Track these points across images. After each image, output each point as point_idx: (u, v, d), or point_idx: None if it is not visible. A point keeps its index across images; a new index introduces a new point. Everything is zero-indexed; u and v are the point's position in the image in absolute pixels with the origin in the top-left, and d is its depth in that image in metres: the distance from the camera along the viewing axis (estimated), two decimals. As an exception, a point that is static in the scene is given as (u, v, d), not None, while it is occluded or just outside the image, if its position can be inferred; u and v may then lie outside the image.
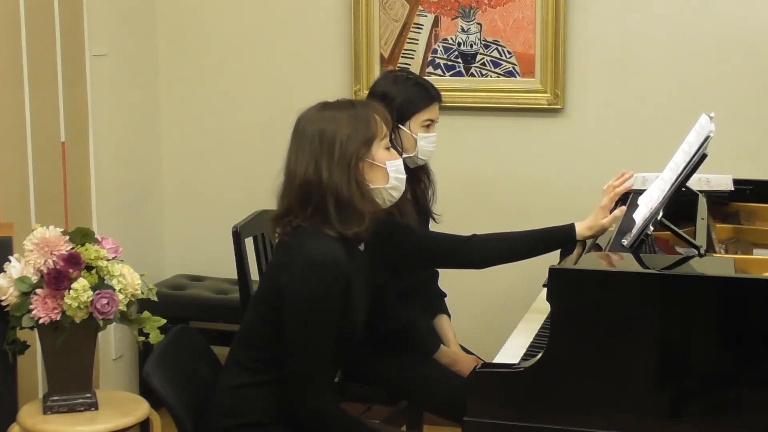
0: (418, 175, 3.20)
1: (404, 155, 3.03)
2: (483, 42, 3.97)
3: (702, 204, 3.03)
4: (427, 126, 3.13)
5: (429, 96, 3.14)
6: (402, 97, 3.09)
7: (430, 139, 3.13)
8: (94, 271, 2.97)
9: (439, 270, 3.37)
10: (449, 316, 3.34)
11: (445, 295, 3.38)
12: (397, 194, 2.64)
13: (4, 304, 2.96)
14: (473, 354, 3.24)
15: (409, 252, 2.88)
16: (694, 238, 2.64)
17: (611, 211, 2.84)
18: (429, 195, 3.26)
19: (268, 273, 2.66)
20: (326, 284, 2.46)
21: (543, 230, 2.87)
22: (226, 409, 2.59)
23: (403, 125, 3.09)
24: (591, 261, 2.57)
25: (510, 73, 3.96)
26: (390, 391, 3.18)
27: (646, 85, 3.87)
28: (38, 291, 2.92)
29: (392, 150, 2.64)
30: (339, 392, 3.12)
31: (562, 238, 2.85)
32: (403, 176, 2.64)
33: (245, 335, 2.65)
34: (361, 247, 2.65)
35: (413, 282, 3.24)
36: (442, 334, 3.25)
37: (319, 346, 2.49)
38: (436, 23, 4.01)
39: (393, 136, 2.98)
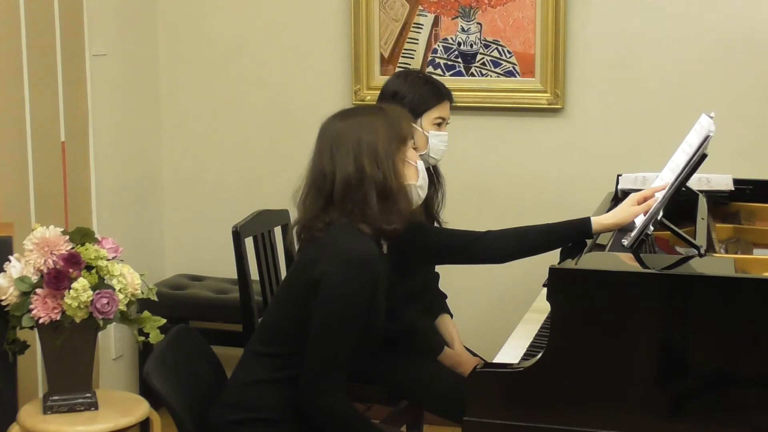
0: (430, 178, 3.20)
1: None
2: (483, 42, 3.97)
3: (702, 204, 3.03)
4: (438, 124, 3.12)
5: (439, 94, 3.13)
6: (412, 94, 3.10)
7: (442, 138, 3.12)
8: (94, 271, 2.97)
9: (440, 270, 3.37)
10: (451, 315, 3.34)
11: (445, 297, 3.38)
12: (423, 193, 2.68)
13: (4, 303, 2.96)
14: (477, 355, 3.23)
15: (426, 248, 2.89)
16: (695, 238, 2.64)
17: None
18: (438, 198, 3.25)
19: (296, 269, 2.65)
20: (362, 281, 2.48)
21: (558, 224, 2.86)
22: (238, 402, 2.59)
23: (414, 123, 3.08)
24: (591, 261, 2.57)
25: (510, 73, 3.96)
26: (390, 390, 3.17)
27: (646, 85, 3.87)
28: (38, 291, 2.92)
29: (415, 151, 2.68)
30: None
31: (577, 231, 2.81)
32: (426, 176, 2.67)
33: (266, 331, 2.65)
34: (384, 249, 2.66)
35: (416, 284, 3.23)
36: (445, 334, 3.23)
37: (341, 342, 2.50)
38: (436, 23, 4.00)
39: None
